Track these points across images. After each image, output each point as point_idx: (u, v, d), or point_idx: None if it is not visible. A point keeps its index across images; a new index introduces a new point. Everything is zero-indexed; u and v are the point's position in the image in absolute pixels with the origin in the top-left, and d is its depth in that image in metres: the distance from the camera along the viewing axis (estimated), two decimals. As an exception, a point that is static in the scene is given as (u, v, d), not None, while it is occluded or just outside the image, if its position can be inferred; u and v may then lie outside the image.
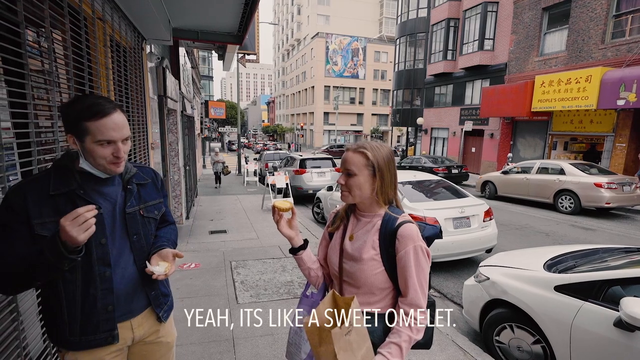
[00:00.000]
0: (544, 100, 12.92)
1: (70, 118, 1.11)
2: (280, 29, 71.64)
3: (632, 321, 1.84)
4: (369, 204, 1.30)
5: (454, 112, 19.21)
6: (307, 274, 1.43)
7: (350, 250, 1.29)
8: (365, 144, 1.27)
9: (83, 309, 1.19)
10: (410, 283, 1.20)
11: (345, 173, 1.25)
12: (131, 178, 1.31)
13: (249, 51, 11.00)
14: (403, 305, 1.22)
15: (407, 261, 1.19)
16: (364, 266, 1.24)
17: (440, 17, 19.33)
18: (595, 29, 11.92)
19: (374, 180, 1.25)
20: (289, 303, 3.64)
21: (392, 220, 1.25)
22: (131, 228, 1.27)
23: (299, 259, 1.41)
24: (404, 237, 1.20)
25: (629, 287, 2.15)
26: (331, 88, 48.22)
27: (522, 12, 14.69)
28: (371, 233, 1.27)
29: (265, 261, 4.94)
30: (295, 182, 10.13)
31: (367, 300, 1.28)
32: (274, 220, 1.36)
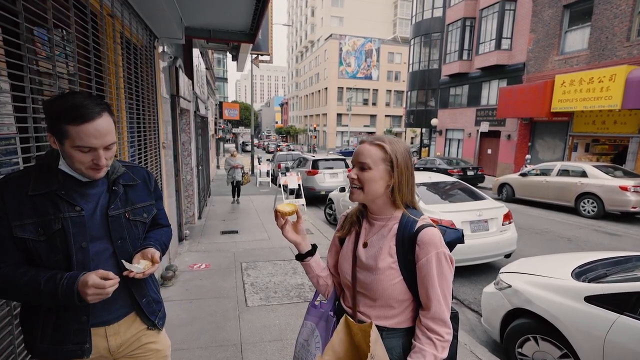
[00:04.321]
0: (564, 100, 12.48)
1: (50, 117, 1.02)
2: (294, 31, 72.00)
3: (677, 338, 1.66)
4: (382, 204, 1.17)
5: (470, 113, 18.81)
6: (315, 282, 1.31)
7: (365, 259, 1.16)
8: (383, 137, 1.15)
9: (58, 316, 1.12)
10: (432, 294, 1.06)
11: (358, 167, 1.12)
12: (117, 179, 1.22)
13: (263, 52, 10.97)
14: (425, 319, 1.09)
15: (429, 270, 1.06)
16: (381, 276, 1.11)
17: (456, 17, 18.98)
18: (620, 26, 11.44)
19: (390, 177, 1.12)
20: (299, 307, 3.54)
21: (410, 223, 1.12)
22: (115, 232, 1.18)
23: (307, 266, 1.29)
24: (425, 243, 1.07)
25: (670, 299, 1.96)
26: (344, 89, 48.08)
27: (542, 10, 14.25)
28: (387, 238, 1.14)
29: (275, 263, 4.85)
30: (308, 183, 10.05)
31: (384, 314, 1.15)
32: (278, 225, 1.23)
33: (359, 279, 1.18)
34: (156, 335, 1.35)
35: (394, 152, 1.13)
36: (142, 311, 1.28)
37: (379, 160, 1.11)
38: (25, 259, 1.07)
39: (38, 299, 1.05)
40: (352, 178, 1.13)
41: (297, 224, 1.25)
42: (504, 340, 2.78)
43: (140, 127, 3.27)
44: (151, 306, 1.31)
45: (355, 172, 1.13)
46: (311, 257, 1.28)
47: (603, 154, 12.78)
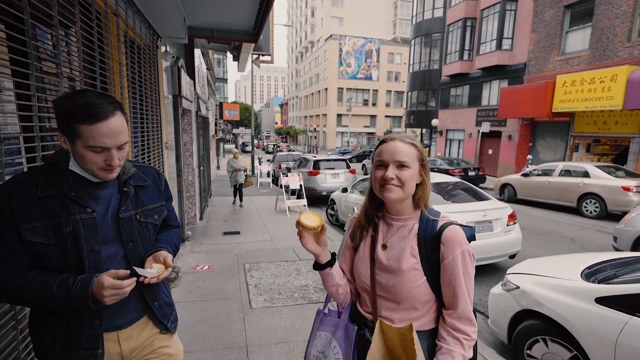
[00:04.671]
0: (565, 100, 12.47)
1: (61, 116, 0.99)
2: (294, 31, 72.05)
3: (694, 341, 1.64)
4: (406, 204, 1.15)
5: (470, 113, 18.80)
6: (334, 291, 1.23)
7: (386, 261, 1.13)
8: (409, 135, 1.15)
9: (69, 322, 1.08)
10: (459, 293, 1.05)
11: (397, 165, 1.08)
12: (128, 179, 1.19)
13: (264, 52, 10.95)
14: (451, 319, 1.07)
15: (455, 268, 1.05)
16: (405, 278, 1.08)
17: (456, 17, 18.98)
18: (621, 26, 11.44)
19: (420, 176, 1.12)
20: (304, 309, 3.51)
21: (432, 222, 1.11)
22: (126, 234, 1.14)
23: (327, 275, 1.20)
24: (451, 242, 1.06)
25: (684, 301, 1.93)
26: (344, 90, 48.09)
27: (543, 10, 14.25)
28: (409, 239, 1.12)
29: (279, 264, 4.82)
30: (309, 183, 10.02)
31: (408, 317, 1.12)
32: (298, 234, 1.14)
33: (379, 282, 1.15)
34: (169, 339, 1.32)
35: (423, 151, 1.14)
36: (155, 315, 1.25)
37: (415, 159, 1.10)
38: (35, 262, 1.04)
39: (51, 303, 1.02)
40: (390, 178, 1.07)
41: (320, 235, 1.15)
42: (512, 342, 2.75)
43: (143, 127, 3.24)
44: (163, 309, 1.28)
45: (394, 171, 1.08)
46: (331, 267, 1.20)
47: (604, 154, 12.77)
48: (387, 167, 1.09)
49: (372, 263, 1.17)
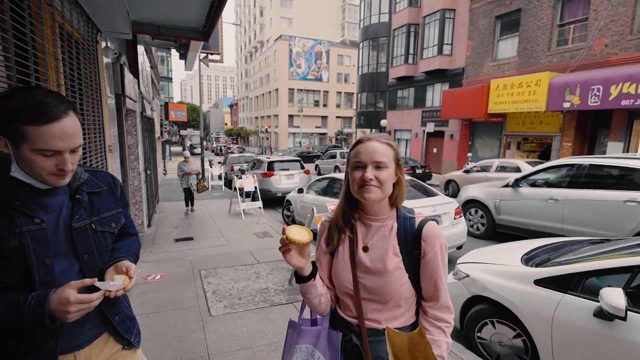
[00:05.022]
0: (498, 102, 13.68)
1: (3, 116, 0.87)
2: (243, 31, 70.52)
3: (613, 310, 1.90)
4: (384, 204, 1.15)
5: (416, 114, 19.85)
6: (317, 302, 1.17)
7: (369, 263, 1.13)
8: (384, 135, 1.16)
9: (19, 345, 0.97)
10: (441, 285, 1.11)
11: (374, 166, 1.08)
12: (81, 186, 1.08)
13: (213, 51, 10.57)
14: (433, 310, 1.13)
15: (437, 262, 1.10)
16: (391, 278, 1.10)
17: (401, 23, 19.92)
18: (543, 37, 12.84)
19: (396, 175, 1.14)
20: (266, 312, 3.46)
21: (409, 220, 1.14)
22: (80, 246, 1.05)
23: (310, 287, 1.14)
24: (431, 237, 1.10)
25: (604, 277, 2.23)
26: (295, 91, 48.14)
27: (477, 19, 15.50)
28: (390, 238, 1.13)
29: (237, 268, 4.70)
30: (264, 185, 9.88)
31: (393, 315, 1.14)
32: (280, 250, 1.07)
33: (364, 285, 1.13)
34: (132, 355, 1.23)
35: (398, 150, 1.15)
36: (116, 330, 1.16)
37: (391, 159, 1.11)
38: None
39: None
40: (370, 178, 1.06)
41: (304, 248, 1.08)
42: (464, 326, 2.96)
43: (84, 129, 2.96)
44: (125, 324, 1.19)
45: (372, 171, 1.07)
46: (314, 278, 1.14)
47: (531, 151, 14.22)
48: (365, 167, 1.08)
49: (353, 266, 1.15)
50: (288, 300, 3.73)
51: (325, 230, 1.25)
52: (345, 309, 1.20)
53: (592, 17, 11.31)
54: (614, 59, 10.77)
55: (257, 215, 8.25)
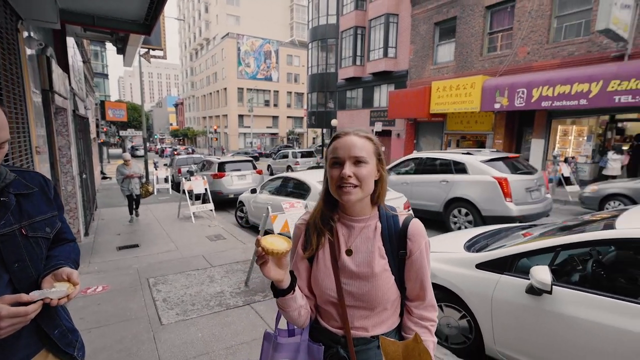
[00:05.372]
0: (439, 103, 14.61)
1: None
2: (187, 27, 67.34)
3: (541, 286, 2.14)
4: (365, 203, 1.06)
5: (365, 114, 20.50)
6: (296, 315, 1.04)
7: (355, 268, 1.04)
8: (362, 129, 1.07)
9: None
10: (426, 284, 1.06)
11: (352, 161, 0.99)
12: (6, 187, 0.98)
13: (155, 46, 9.96)
14: (419, 310, 1.08)
15: (423, 261, 1.05)
16: (379, 282, 1.02)
17: (348, 25, 20.43)
18: (475, 43, 13.98)
19: (378, 171, 1.05)
20: (222, 316, 3.36)
21: (393, 218, 1.07)
22: (8, 254, 0.94)
23: (289, 300, 1.01)
24: (417, 235, 1.04)
25: (532, 257, 2.50)
26: (245, 90, 47.16)
27: (419, 25, 16.42)
28: (375, 239, 1.06)
29: (189, 274, 4.50)
30: (214, 186, 9.55)
31: (380, 320, 1.08)
32: (257, 263, 0.93)
33: (349, 292, 1.05)
34: None
35: (379, 145, 1.07)
36: (56, 345, 1.05)
37: (372, 154, 1.02)
38: None
39: None
40: (348, 175, 0.97)
41: (283, 259, 0.95)
42: (416, 312, 3.14)
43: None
44: (66, 337, 1.09)
45: (351, 168, 0.98)
46: (293, 290, 1.01)
47: (469, 147, 15.42)
48: (343, 164, 0.99)
49: (336, 272, 1.06)
50: (245, 302, 3.66)
51: (301, 234, 1.14)
52: (329, 319, 1.11)
53: (516, 27, 12.56)
54: (535, 65, 12.07)
55: (208, 218, 7.96)
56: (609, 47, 10.19)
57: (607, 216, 2.65)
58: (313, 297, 1.13)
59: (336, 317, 1.08)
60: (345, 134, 1.03)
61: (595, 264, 2.48)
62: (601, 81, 9.65)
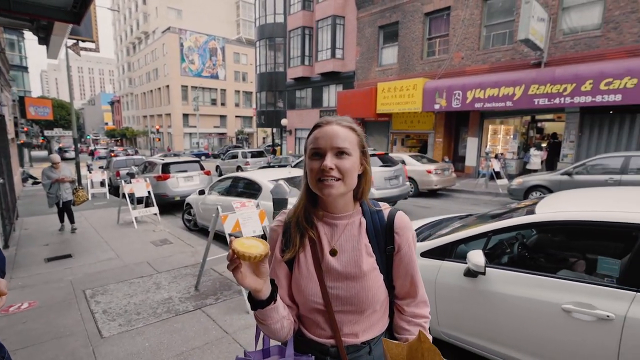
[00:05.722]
0: (385, 104, 15.26)
1: None
2: (122, 18, 62.47)
3: (476, 268, 2.35)
4: (348, 198, 0.99)
5: (315, 114, 20.71)
6: (279, 327, 0.93)
7: (342, 268, 0.97)
8: (346, 118, 0.99)
9: None
10: (417, 279, 1.00)
11: (334, 153, 0.91)
12: None
13: (85, 38, 9.09)
14: (410, 307, 1.02)
15: (412, 255, 0.99)
16: (368, 282, 0.95)
17: (296, 25, 20.48)
18: (416, 47, 14.82)
19: (361, 164, 0.97)
20: (171, 322, 3.20)
21: (378, 213, 1.01)
22: None
23: (270, 312, 0.90)
24: (404, 228, 0.99)
25: (469, 243, 2.74)
26: (189, 88, 45.04)
27: (364, 27, 16.99)
28: (360, 236, 0.99)
29: (132, 282, 4.21)
30: (159, 189, 9.02)
31: (370, 324, 1.00)
32: (229, 268, 0.82)
33: (337, 296, 0.96)
34: None
35: (363, 136, 1.00)
36: None
37: (356, 145, 0.95)
38: None
39: None
40: (330, 167, 0.89)
41: (260, 265, 0.84)
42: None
43: None
44: None
45: (332, 160, 0.90)
46: (275, 300, 0.90)
47: (413, 146, 16.32)
48: (324, 155, 0.91)
49: (320, 276, 0.97)
50: (196, 306, 3.52)
51: (278, 237, 1.03)
52: (315, 329, 1.01)
53: (451, 34, 13.56)
54: (468, 69, 13.12)
55: (153, 222, 7.49)
56: (529, 55, 11.43)
57: (529, 204, 2.98)
58: (295, 306, 1.03)
59: (323, 326, 0.99)
60: (327, 122, 0.95)
61: (521, 246, 2.79)
62: (523, 85, 10.79)
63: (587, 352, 1.95)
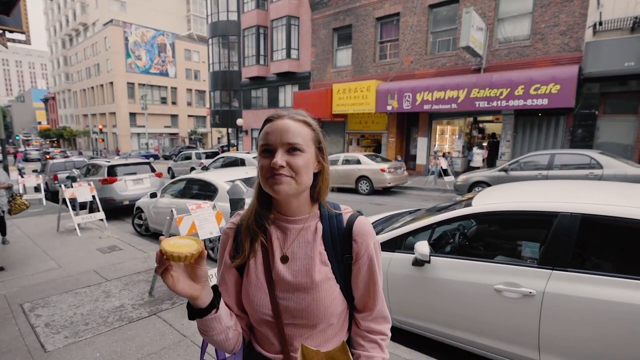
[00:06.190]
0: (340, 104, 15.62)
1: None
2: (56, 7, 57.13)
3: (423, 257, 2.57)
4: (304, 200, 0.91)
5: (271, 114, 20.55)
6: (223, 338, 0.86)
7: (292, 278, 0.88)
8: (300, 112, 0.91)
9: None
10: (377, 291, 0.92)
11: (285, 149, 0.84)
12: None
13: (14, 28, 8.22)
14: (366, 322, 0.94)
15: (372, 264, 0.90)
16: (321, 293, 0.87)
17: (250, 23, 20.19)
18: (369, 50, 15.35)
19: (318, 162, 0.91)
20: (123, 330, 3.08)
21: (337, 217, 0.92)
22: None
23: (212, 321, 0.82)
24: (363, 235, 0.90)
25: (417, 235, 2.97)
26: (136, 85, 42.43)
27: (318, 29, 17.22)
28: (315, 243, 0.90)
29: (78, 292, 3.95)
30: (105, 193, 8.47)
31: (325, 338, 0.92)
32: (157, 272, 0.74)
33: (286, 308, 0.88)
34: None
35: (319, 130, 0.92)
36: None
37: (310, 141, 0.88)
38: None
39: None
40: (280, 165, 0.81)
41: (196, 267, 0.77)
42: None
43: None
44: None
45: (283, 157, 0.83)
46: (217, 308, 0.82)
47: (367, 146, 16.86)
48: (274, 152, 0.84)
49: (270, 285, 0.90)
50: (150, 312, 3.41)
51: (229, 240, 0.96)
52: (264, 343, 0.94)
53: (401, 39, 14.23)
54: (417, 73, 13.86)
55: (99, 228, 7.03)
56: (470, 61, 12.35)
57: (468, 197, 3.29)
58: (246, 316, 0.96)
59: (272, 340, 0.92)
60: (278, 116, 0.88)
61: (462, 235, 3.08)
62: (466, 89, 11.66)
63: (515, 324, 2.23)
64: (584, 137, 10.68)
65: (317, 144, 0.90)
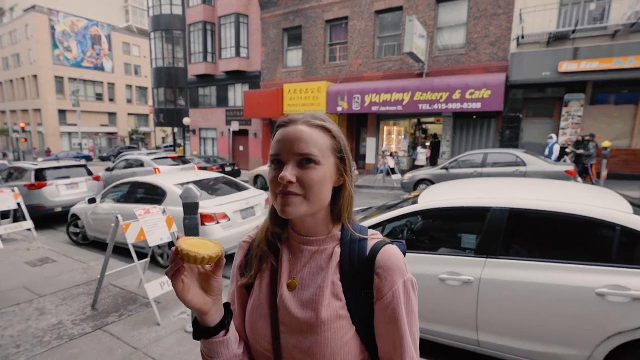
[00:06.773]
0: (291, 104, 15.64)
1: None
2: (-38, -12, 49.71)
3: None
4: (322, 219, 0.76)
5: (220, 113, 19.98)
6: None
7: (296, 309, 0.73)
8: (319, 115, 0.76)
9: None
10: (404, 345, 0.71)
11: (297, 161, 0.70)
12: None
13: None
14: None
15: (397, 308, 0.70)
16: (326, 333, 0.70)
17: (196, 19, 19.39)
18: (319, 52, 15.57)
19: (340, 174, 0.76)
20: (64, 349, 2.84)
21: (359, 242, 0.75)
22: None
23: (218, 345, 0.70)
24: (389, 269, 0.71)
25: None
26: (66, 79, 38.52)
27: (268, 28, 17.07)
28: (328, 270, 0.74)
29: (4, 312, 3.55)
30: (32, 199, 7.63)
31: None
32: (168, 274, 0.64)
33: (286, 345, 0.74)
34: None
35: (341, 136, 0.77)
36: None
37: (328, 150, 0.73)
38: None
39: None
40: (288, 181, 0.68)
41: (211, 276, 0.67)
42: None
43: None
44: None
45: (294, 170, 0.70)
46: (226, 330, 0.71)
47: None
48: (284, 163, 0.71)
49: (273, 313, 0.75)
50: (94, 326, 3.18)
51: (242, 254, 0.85)
52: None
53: (350, 42, 14.65)
54: (365, 75, 14.37)
55: (25, 239, 6.33)
56: (413, 66, 13.11)
57: (415, 195, 3.54)
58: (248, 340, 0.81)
59: None
60: (291, 121, 0.74)
61: (410, 230, 3.31)
62: (410, 92, 12.36)
63: (457, 309, 2.47)
64: (511, 137, 11.90)
65: (338, 154, 0.75)
